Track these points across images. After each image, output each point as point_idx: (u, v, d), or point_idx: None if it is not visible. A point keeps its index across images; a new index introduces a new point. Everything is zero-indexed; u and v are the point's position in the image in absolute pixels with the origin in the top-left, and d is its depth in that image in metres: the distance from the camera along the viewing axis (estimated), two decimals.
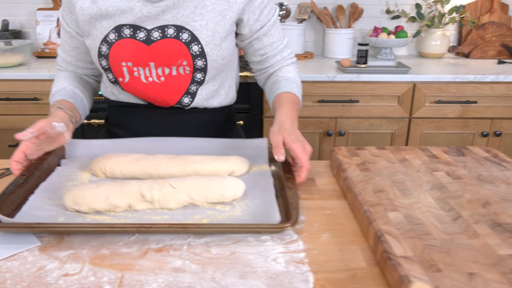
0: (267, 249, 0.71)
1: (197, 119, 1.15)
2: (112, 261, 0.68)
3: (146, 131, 1.13)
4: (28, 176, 0.86)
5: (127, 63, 1.05)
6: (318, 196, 0.89)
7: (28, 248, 0.71)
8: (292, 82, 1.14)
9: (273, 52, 1.15)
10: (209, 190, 0.81)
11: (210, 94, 1.13)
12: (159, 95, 1.10)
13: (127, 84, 1.09)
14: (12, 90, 2.14)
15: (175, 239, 0.73)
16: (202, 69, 1.07)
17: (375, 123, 2.22)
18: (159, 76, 1.07)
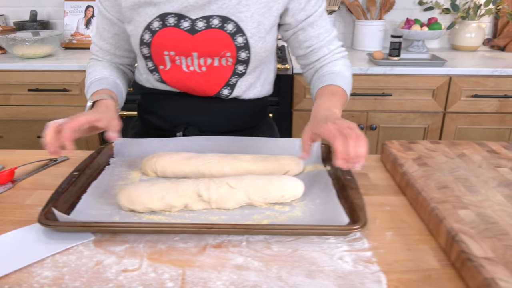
0: (330, 247, 0.67)
1: (232, 109, 1.12)
2: (171, 257, 0.65)
3: (180, 118, 1.11)
4: (80, 175, 0.84)
5: (169, 52, 1.02)
6: (374, 192, 0.85)
7: (83, 242, 0.69)
8: (338, 75, 1.06)
9: (319, 44, 1.08)
10: (268, 190, 0.77)
11: (248, 86, 1.10)
12: (199, 85, 1.06)
13: (167, 72, 1.06)
14: (41, 81, 2.14)
15: (233, 235, 0.70)
16: (244, 61, 1.03)
17: (408, 117, 2.16)
18: (200, 66, 1.04)
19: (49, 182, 0.90)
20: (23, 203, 0.81)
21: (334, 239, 0.69)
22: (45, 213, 0.71)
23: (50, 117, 2.20)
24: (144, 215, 0.76)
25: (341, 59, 1.11)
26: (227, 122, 1.11)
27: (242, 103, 1.12)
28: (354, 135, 0.74)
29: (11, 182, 0.88)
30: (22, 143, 2.26)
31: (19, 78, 2.14)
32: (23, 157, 1.02)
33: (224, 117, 1.12)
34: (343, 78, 1.06)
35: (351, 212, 0.73)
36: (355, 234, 0.70)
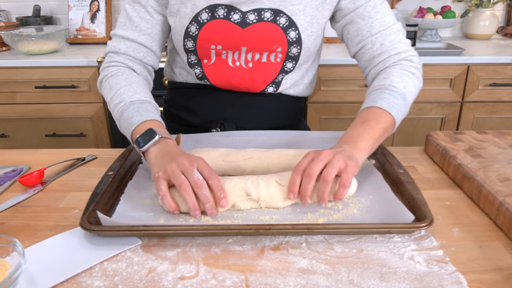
0: (397, 246, 0.63)
1: (272, 105, 1.05)
2: (228, 261, 0.60)
3: (215, 114, 1.05)
4: (116, 175, 0.79)
5: (216, 46, 0.95)
6: (428, 186, 0.81)
7: (130, 247, 0.64)
8: (384, 90, 0.84)
9: (372, 40, 0.91)
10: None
11: (292, 83, 1.03)
12: (244, 82, 0.99)
13: (211, 67, 0.99)
14: (48, 78, 2.08)
15: (290, 236, 0.65)
16: (294, 57, 0.96)
17: (425, 107, 2.12)
18: (247, 61, 0.97)
19: (81, 183, 0.85)
20: (57, 206, 0.76)
21: (399, 238, 0.65)
22: (87, 217, 0.66)
23: (58, 115, 2.15)
24: (189, 216, 0.71)
25: (399, 64, 0.89)
26: (265, 119, 1.05)
27: (283, 99, 1.05)
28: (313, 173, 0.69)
29: (41, 184, 0.83)
30: (30, 142, 2.20)
31: (25, 75, 2.07)
32: (48, 156, 0.97)
33: (263, 114, 1.05)
34: (391, 94, 0.84)
35: (413, 208, 0.68)
36: (420, 231, 0.66)
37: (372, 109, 0.82)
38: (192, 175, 0.69)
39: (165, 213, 0.72)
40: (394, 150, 0.95)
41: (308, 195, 0.69)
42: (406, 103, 0.85)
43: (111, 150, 1.00)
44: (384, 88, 0.85)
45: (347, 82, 2.06)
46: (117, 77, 0.91)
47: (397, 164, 0.81)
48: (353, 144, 0.75)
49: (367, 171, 0.83)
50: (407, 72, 0.88)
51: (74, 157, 0.95)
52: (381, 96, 0.83)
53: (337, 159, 0.70)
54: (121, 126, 0.86)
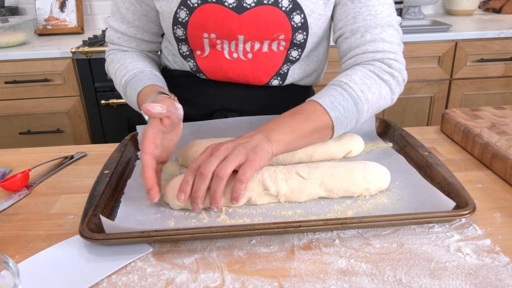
0: (440, 237, 0.57)
1: (276, 96, 0.96)
2: (256, 266, 0.53)
3: (217, 105, 0.96)
4: (113, 173, 0.70)
5: (209, 35, 0.84)
6: (454, 168, 0.75)
7: (140, 255, 0.56)
8: (337, 88, 0.73)
9: (353, 28, 0.78)
10: (349, 182, 0.65)
11: (302, 74, 0.93)
12: (243, 75, 0.89)
13: (205, 59, 0.89)
14: (19, 72, 1.93)
15: (320, 232, 0.59)
16: (300, 44, 0.86)
17: (414, 87, 2.08)
18: (246, 52, 0.86)
19: (72, 184, 0.75)
20: (48, 212, 0.67)
21: (439, 227, 0.59)
22: (87, 223, 0.57)
23: (32, 111, 2.01)
24: (202, 215, 0.63)
25: (370, 64, 0.76)
26: (272, 110, 0.93)
27: (291, 89, 0.96)
28: (206, 172, 0.61)
29: (26, 188, 0.74)
30: (2, 141, 2.06)
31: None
32: (31, 156, 0.87)
33: (269, 105, 0.95)
34: (341, 94, 0.72)
35: (448, 193, 0.62)
36: (460, 219, 0.60)
37: (312, 103, 0.72)
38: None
39: (174, 213, 0.64)
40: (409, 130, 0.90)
41: (200, 196, 0.61)
42: (357, 110, 0.72)
43: (101, 146, 0.90)
44: (338, 85, 0.73)
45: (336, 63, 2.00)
46: (113, 61, 0.92)
47: (419, 145, 0.75)
48: (266, 134, 0.66)
49: (387, 154, 0.77)
50: (374, 76, 0.75)
51: (61, 156, 0.85)
52: (330, 92, 0.72)
53: (237, 152, 0.62)
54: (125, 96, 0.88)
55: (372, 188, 0.65)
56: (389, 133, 0.85)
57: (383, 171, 0.66)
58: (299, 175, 0.65)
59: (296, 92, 0.97)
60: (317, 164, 0.68)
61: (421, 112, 2.14)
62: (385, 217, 0.56)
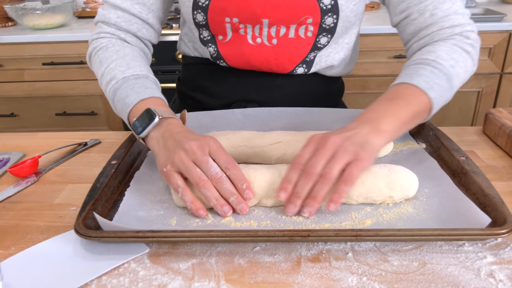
0: (470, 258, 0.50)
1: (301, 87, 0.89)
2: (257, 277, 0.48)
3: (234, 95, 0.90)
4: (120, 164, 0.67)
5: (231, 19, 0.78)
6: (494, 176, 0.66)
7: (135, 256, 0.52)
8: (427, 66, 0.68)
9: (420, 8, 0.74)
10: (371, 188, 0.58)
11: (329, 62, 0.86)
12: (266, 62, 0.83)
13: (227, 44, 0.83)
14: (56, 54, 1.96)
15: (332, 242, 0.53)
16: (329, 29, 0.79)
17: None
18: (271, 37, 0.80)
19: (81, 173, 0.73)
20: (52, 202, 0.65)
21: (471, 246, 0.51)
22: (84, 219, 0.54)
23: (68, 93, 2.04)
24: (207, 214, 0.59)
25: (451, 39, 0.73)
26: (296, 103, 0.88)
27: (318, 80, 0.89)
28: (313, 171, 0.55)
29: (35, 175, 0.72)
30: (40, 121, 2.11)
31: (32, 51, 1.96)
32: (46, 141, 0.85)
33: (293, 96, 0.89)
34: (433, 72, 0.67)
35: (484, 207, 0.55)
36: (496, 238, 0.52)
37: (405, 86, 0.66)
38: (208, 167, 0.57)
39: (178, 211, 0.60)
40: (446, 130, 0.81)
41: (302, 197, 0.56)
42: (451, 86, 0.69)
43: (117, 133, 0.88)
44: (426, 63, 0.69)
45: (375, 54, 1.89)
46: (107, 49, 0.78)
47: (456, 149, 0.67)
48: (373, 125, 0.60)
49: (418, 157, 0.70)
50: (459, 49, 0.71)
51: (75, 142, 0.83)
52: (420, 72, 0.67)
53: (344, 150, 0.56)
54: (116, 108, 0.74)
55: (397, 196, 0.58)
56: (423, 132, 0.77)
57: (411, 177, 0.59)
58: None
59: (324, 83, 0.90)
60: None
61: (466, 108, 2.00)
62: (407, 231, 0.49)
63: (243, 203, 0.58)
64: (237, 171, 0.58)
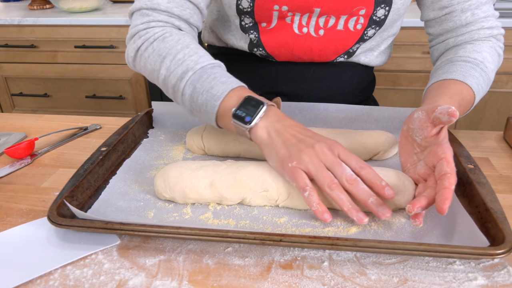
0: (458, 278, 0.45)
1: (335, 77, 0.86)
2: (221, 280, 0.45)
3: (265, 87, 0.87)
4: (109, 151, 0.66)
5: (281, 7, 0.74)
6: (506, 188, 0.60)
7: (105, 247, 0.51)
8: (475, 67, 0.68)
9: (463, 7, 0.72)
10: None
11: (369, 54, 0.84)
12: (309, 53, 0.80)
13: (270, 31, 0.79)
14: (88, 37, 1.99)
15: (309, 249, 0.49)
16: (379, 22, 0.76)
17: (499, 79, 1.82)
18: (318, 28, 0.77)
19: (75, 158, 0.73)
20: (39, 185, 0.65)
21: (462, 265, 0.46)
22: (58, 206, 0.53)
23: (98, 76, 2.07)
24: (187, 209, 0.57)
25: (489, 40, 0.73)
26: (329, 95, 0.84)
27: (353, 70, 0.86)
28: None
29: (30, 157, 0.72)
30: (71, 102, 2.16)
31: (65, 34, 2.00)
32: (50, 124, 0.86)
33: (327, 89, 0.86)
34: (480, 75, 0.68)
35: (485, 222, 0.50)
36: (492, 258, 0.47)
37: (460, 85, 0.66)
38: (342, 170, 0.52)
39: (158, 203, 0.58)
40: (464, 134, 0.75)
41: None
42: (487, 90, 0.72)
43: (119, 119, 0.87)
44: (475, 63, 0.69)
45: (408, 48, 1.80)
46: (164, 40, 0.66)
47: (465, 156, 0.62)
48: None
49: None
50: (495, 53, 0.73)
51: (77, 126, 0.83)
52: (471, 72, 0.68)
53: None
54: (195, 102, 0.63)
55: (389, 204, 0.54)
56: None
57: (407, 185, 0.54)
58: None
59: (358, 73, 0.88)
60: None
61: (505, 109, 1.87)
62: (388, 244, 0.45)
63: (384, 206, 0.51)
64: (372, 170, 0.53)
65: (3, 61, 2.11)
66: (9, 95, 2.21)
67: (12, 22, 1.99)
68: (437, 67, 0.73)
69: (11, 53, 2.08)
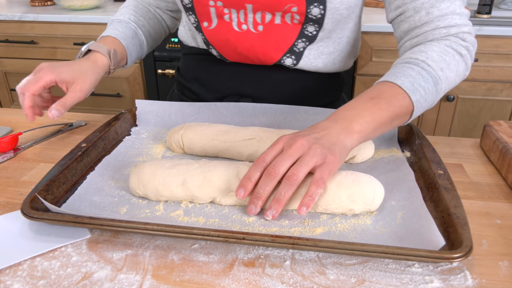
0: (414, 280, 0.46)
1: (296, 82, 0.86)
2: (184, 276, 0.47)
3: (228, 88, 0.88)
4: (89, 147, 0.67)
5: (216, 2, 0.77)
6: (475, 194, 0.61)
7: (75, 241, 0.52)
8: (415, 67, 0.65)
9: (415, 6, 0.69)
10: (332, 198, 0.55)
11: (321, 57, 0.83)
12: (253, 50, 0.81)
13: (212, 32, 0.81)
14: (87, 35, 2.01)
15: (272, 248, 0.50)
16: (316, 20, 0.75)
17: (494, 87, 1.82)
18: (256, 24, 0.78)
19: (56, 153, 0.74)
20: (19, 179, 0.66)
21: (420, 268, 0.47)
22: (32, 199, 0.54)
23: None
24: (159, 206, 0.58)
25: (446, 40, 0.68)
26: (291, 98, 0.86)
27: (312, 77, 0.86)
28: (275, 173, 0.53)
29: (13, 151, 0.73)
30: None
31: (66, 31, 2.02)
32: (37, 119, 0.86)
33: (289, 92, 0.87)
34: (420, 74, 0.64)
35: (447, 227, 0.50)
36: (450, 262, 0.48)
37: (389, 86, 0.63)
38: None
39: (132, 200, 0.59)
40: (441, 141, 0.76)
41: (263, 198, 0.53)
42: (437, 90, 0.65)
43: (105, 117, 0.88)
44: (415, 63, 0.66)
45: None
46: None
47: (436, 161, 0.62)
48: (346, 124, 0.58)
49: (396, 167, 0.65)
50: (452, 51, 0.67)
51: (63, 122, 0.84)
52: (407, 72, 0.64)
53: (313, 153, 0.53)
54: None
55: (358, 209, 0.55)
56: (411, 140, 0.72)
57: (376, 189, 0.55)
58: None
59: (320, 80, 0.87)
60: None
61: (499, 117, 1.88)
62: (347, 245, 0.46)
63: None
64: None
65: (3, 56, 2.13)
66: (9, 90, 2.23)
67: (13, 18, 2.01)
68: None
69: (11, 49, 2.10)
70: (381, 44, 1.78)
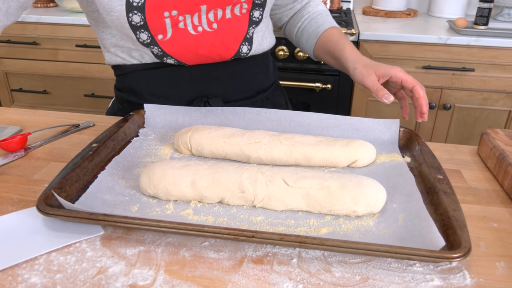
0: (416, 279, 0.48)
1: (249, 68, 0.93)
2: (195, 271, 0.49)
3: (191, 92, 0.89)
4: (99, 147, 0.69)
5: (170, 13, 0.77)
6: (472, 199, 0.64)
7: (89, 237, 0.54)
8: (329, 16, 0.99)
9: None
10: (336, 200, 0.57)
11: (262, 37, 0.93)
12: (213, 48, 0.84)
13: (169, 42, 0.81)
14: (89, 37, 2.03)
15: (280, 246, 0.52)
16: (261, 4, 0.85)
17: (490, 97, 1.86)
18: (210, 23, 0.82)
19: (67, 153, 0.76)
20: (31, 177, 0.68)
21: (421, 267, 0.49)
22: (46, 196, 0.56)
23: (98, 75, 2.11)
24: (169, 205, 0.60)
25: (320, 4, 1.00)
26: (251, 86, 0.95)
27: (260, 59, 0.95)
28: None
29: (23, 150, 0.75)
30: (69, 100, 2.19)
31: (68, 32, 2.04)
32: (44, 119, 0.89)
33: (245, 80, 0.94)
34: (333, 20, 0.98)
35: (447, 229, 0.53)
36: (450, 262, 0.50)
37: (337, 29, 0.96)
38: None
39: (143, 199, 0.61)
40: (440, 147, 0.79)
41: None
42: None
43: (113, 118, 0.90)
44: (327, 14, 1.01)
45: (403, 62, 1.84)
46: None
47: (436, 166, 0.65)
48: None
49: (397, 171, 0.68)
50: None
51: (71, 123, 0.86)
52: (333, 21, 0.99)
53: None
54: None
55: (361, 210, 0.57)
56: (411, 146, 0.75)
57: (378, 192, 0.58)
58: (284, 181, 0.59)
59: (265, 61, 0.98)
60: (307, 173, 0.61)
61: (495, 126, 1.91)
62: (352, 244, 0.48)
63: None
64: None
65: (5, 57, 2.14)
66: (9, 90, 2.24)
67: None
68: (306, 26, 0.98)
69: (13, 49, 2.12)
70: (380, 52, 1.81)
